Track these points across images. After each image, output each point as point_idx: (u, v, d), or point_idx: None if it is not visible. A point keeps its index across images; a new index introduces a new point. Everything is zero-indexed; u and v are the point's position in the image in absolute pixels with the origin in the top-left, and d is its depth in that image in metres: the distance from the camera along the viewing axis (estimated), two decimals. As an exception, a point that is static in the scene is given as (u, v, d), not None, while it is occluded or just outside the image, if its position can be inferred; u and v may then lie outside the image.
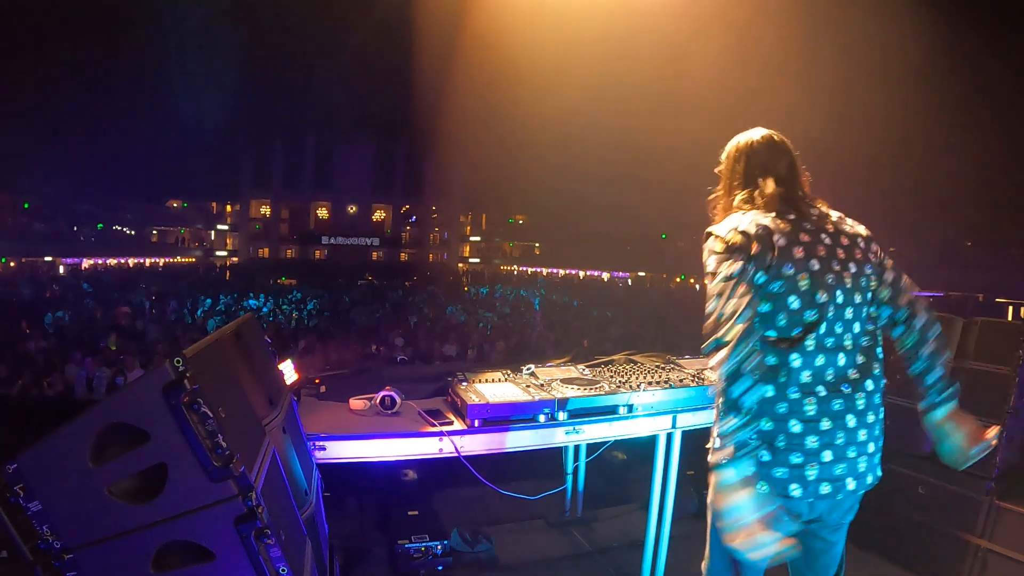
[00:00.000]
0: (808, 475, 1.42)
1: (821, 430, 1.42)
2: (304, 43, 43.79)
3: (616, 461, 3.73)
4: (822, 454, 1.42)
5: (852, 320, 1.49)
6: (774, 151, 1.60)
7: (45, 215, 31.41)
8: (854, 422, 1.45)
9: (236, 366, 1.69)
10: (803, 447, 1.42)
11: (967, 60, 21.36)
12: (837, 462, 1.43)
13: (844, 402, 1.45)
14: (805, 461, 1.42)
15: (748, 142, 1.62)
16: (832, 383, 1.45)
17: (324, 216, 45.29)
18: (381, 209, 46.21)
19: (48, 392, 5.85)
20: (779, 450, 1.42)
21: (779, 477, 1.42)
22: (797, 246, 1.45)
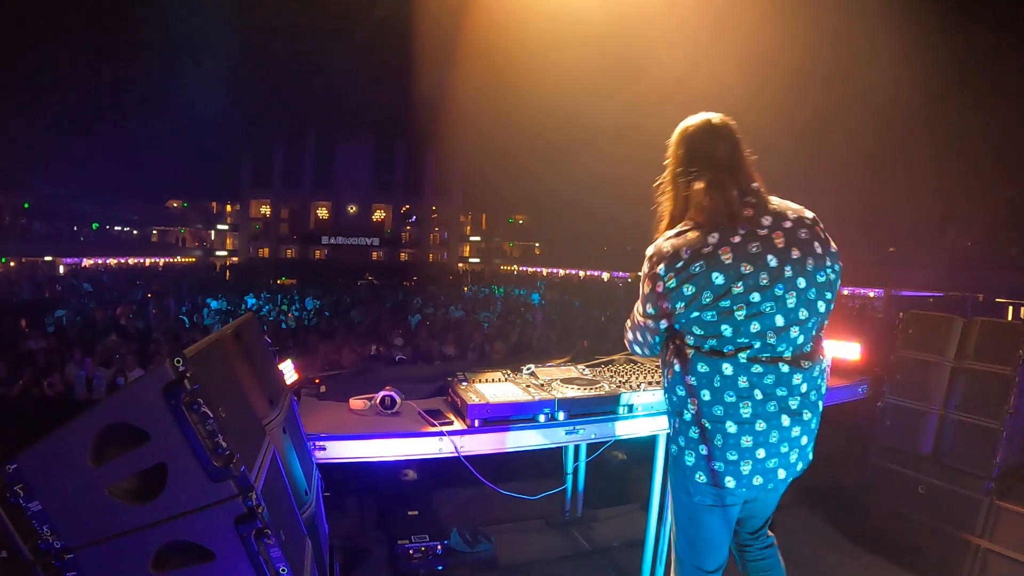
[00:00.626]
0: (743, 470, 1.54)
1: (756, 431, 1.52)
2: (304, 43, 43.79)
3: (616, 461, 3.73)
4: (756, 451, 1.53)
5: (796, 312, 1.51)
6: (713, 135, 1.59)
7: (45, 215, 31.41)
8: (788, 421, 1.54)
9: (236, 366, 1.69)
10: (739, 446, 1.53)
11: (969, 60, 21.37)
12: (770, 458, 1.55)
13: (778, 404, 1.53)
14: (739, 458, 1.53)
15: (686, 128, 1.63)
16: (769, 387, 1.52)
17: (324, 216, 45.29)
18: (381, 209, 46.21)
19: (48, 392, 5.85)
20: (717, 448, 1.54)
21: (717, 470, 1.55)
22: (725, 258, 1.47)
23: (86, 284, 18.66)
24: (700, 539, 1.70)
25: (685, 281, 1.50)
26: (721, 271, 1.47)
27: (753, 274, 1.47)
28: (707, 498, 1.62)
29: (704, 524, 1.67)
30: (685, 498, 1.68)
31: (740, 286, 1.47)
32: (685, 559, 1.75)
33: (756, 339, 1.50)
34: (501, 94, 26.16)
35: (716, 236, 1.49)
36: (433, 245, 46.79)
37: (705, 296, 1.48)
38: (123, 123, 37.62)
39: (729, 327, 1.49)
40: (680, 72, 17.29)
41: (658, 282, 1.54)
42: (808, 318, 1.53)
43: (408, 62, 26.89)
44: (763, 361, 1.50)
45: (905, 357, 3.08)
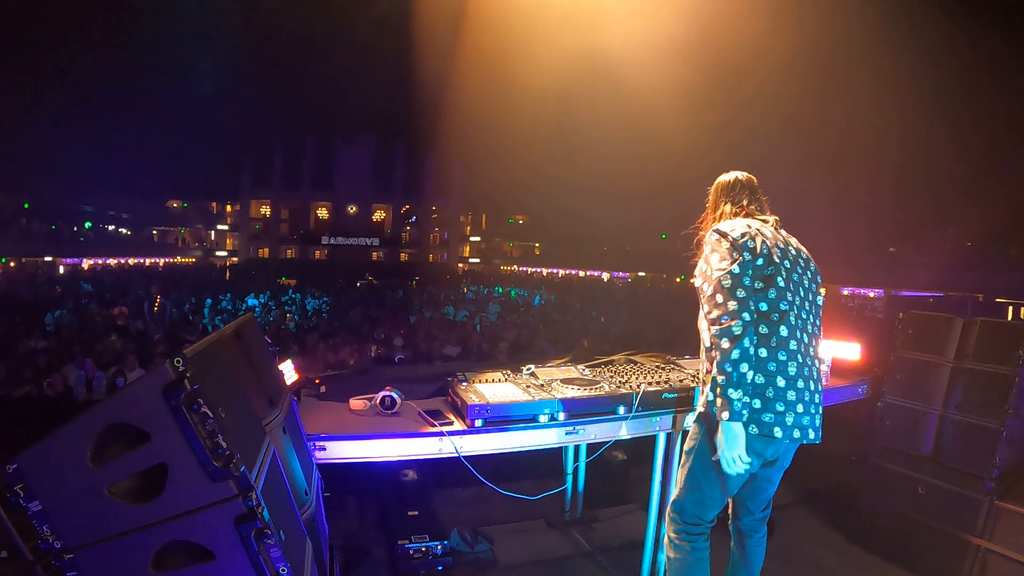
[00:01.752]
0: (787, 421, 1.82)
1: (799, 387, 1.84)
2: (304, 43, 43.77)
3: (616, 461, 3.73)
4: (796, 406, 1.83)
5: (810, 310, 1.95)
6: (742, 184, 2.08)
7: (45, 215, 31.41)
8: (814, 385, 1.90)
9: (236, 366, 1.69)
10: (785, 399, 1.82)
11: (970, 61, 21.36)
12: (805, 414, 1.85)
13: (811, 369, 1.90)
14: (786, 410, 1.82)
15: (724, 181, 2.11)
16: (806, 351, 1.89)
17: (324, 216, 45.27)
18: (381, 209, 46.19)
19: (48, 392, 5.85)
20: (768, 400, 1.81)
21: (766, 421, 1.81)
22: (776, 244, 1.90)
23: (86, 284, 18.66)
24: (710, 496, 1.95)
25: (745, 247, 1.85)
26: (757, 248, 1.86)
27: (782, 256, 1.88)
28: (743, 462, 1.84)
29: (718, 484, 1.92)
30: (710, 459, 1.89)
31: (776, 259, 1.86)
32: (689, 509, 1.99)
33: (795, 308, 1.86)
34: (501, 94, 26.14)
35: (755, 224, 1.93)
36: (433, 245, 46.77)
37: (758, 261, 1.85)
38: (123, 123, 37.62)
39: (774, 291, 1.84)
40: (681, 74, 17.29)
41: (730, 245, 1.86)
42: (814, 305, 1.95)
43: (408, 62, 26.87)
44: (800, 328, 1.86)
45: (905, 357, 3.08)
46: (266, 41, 40.22)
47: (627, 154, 30.42)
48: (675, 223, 1.98)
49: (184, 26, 32.97)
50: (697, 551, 1.99)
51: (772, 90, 20.45)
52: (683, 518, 2.00)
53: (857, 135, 22.56)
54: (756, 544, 2.14)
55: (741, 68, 19.74)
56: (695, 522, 1.98)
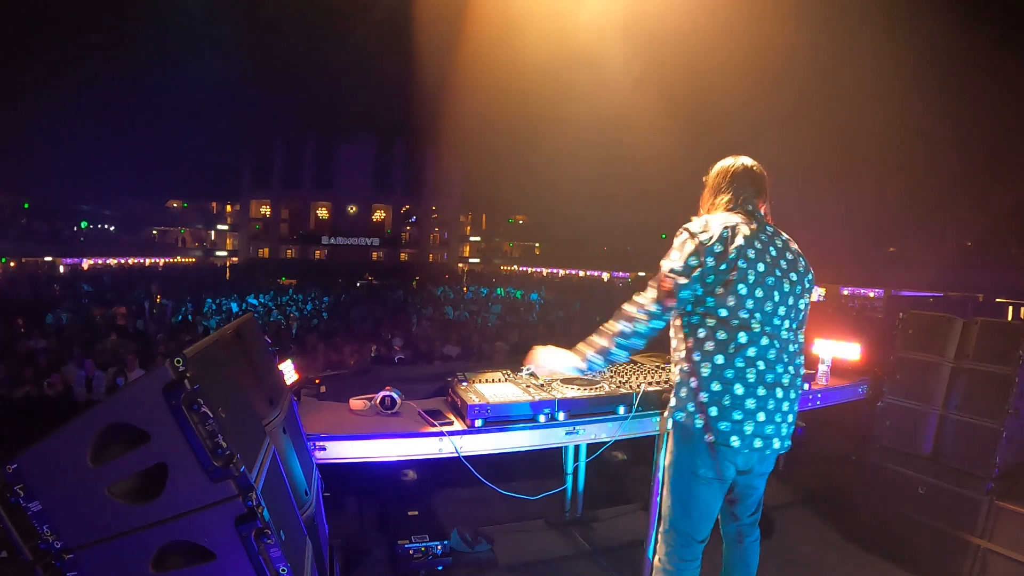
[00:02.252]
0: (746, 430, 1.77)
1: (759, 395, 1.78)
2: (304, 43, 43.77)
3: (616, 461, 3.73)
4: (757, 414, 1.78)
5: (786, 316, 1.85)
6: (752, 178, 1.97)
7: (45, 215, 31.39)
8: (781, 393, 1.82)
9: (236, 366, 1.69)
10: (743, 407, 1.77)
11: (970, 61, 21.36)
12: (768, 423, 1.79)
13: (777, 376, 1.81)
14: (744, 418, 1.77)
15: (734, 166, 1.99)
16: (771, 360, 1.80)
17: (324, 216, 45.27)
18: (381, 209, 46.19)
19: (48, 392, 5.85)
20: (724, 407, 1.77)
21: (723, 430, 1.77)
22: (751, 248, 1.80)
23: (86, 284, 18.65)
24: (697, 510, 1.88)
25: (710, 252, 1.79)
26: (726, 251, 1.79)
27: (754, 261, 1.79)
28: (709, 471, 1.82)
29: (703, 496, 1.87)
30: (688, 472, 1.86)
31: (744, 264, 1.77)
32: (679, 527, 1.92)
33: (758, 315, 1.78)
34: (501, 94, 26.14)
35: (734, 224, 1.83)
36: (433, 245, 46.78)
37: (722, 266, 1.78)
38: (124, 123, 37.60)
39: (733, 298, 1.77)
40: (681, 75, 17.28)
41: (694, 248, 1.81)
42: (793, 310, 1.86)
43: (408, 62, 26.88)
44: (767, 335, 1.79)
45: (905, 357, 3.08)
46: (267, 41, 40.21)
47: (627, 154, 30.42)
48: (675, 223, 1.93)
49: (185, 26, 32.96)
50: None
51: (772, 90, 20.45)
52: (674, 540, 1.93)
53: (857, 135, 22.56)
54: (749, 548, 2.10)
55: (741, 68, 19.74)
56: (685, 543, 1.91)
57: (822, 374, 3.38)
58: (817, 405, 3.20)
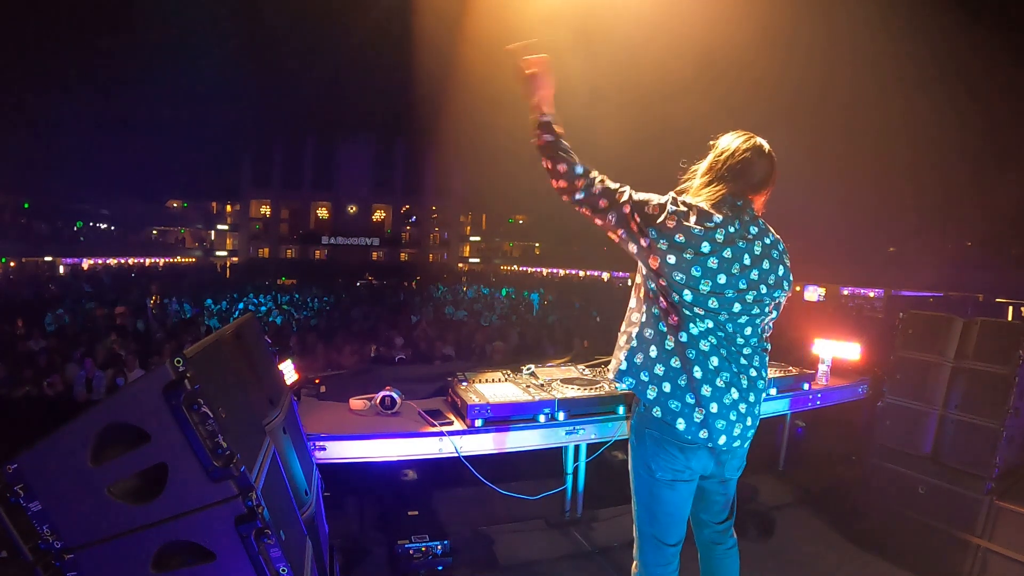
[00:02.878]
0: (695, 417, 1.69)
1: (716, 386, 1.70)
2: (304, 43, 43.80)
3: (616, 461, 3.73)
4: (710, 404, 1.69)
5: (750, 308, 1.73)
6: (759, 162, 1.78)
7: (45, 215, 31.40)
8: (736, 394, 1.72)
9: (236, 366, 1.69)
10: (698, 392, 1.69)
11: (971, 60, 21.36)
12: (720, 418, 1.70)
13: (735, 377, 1.72)
14: (696, 404, 1.69)
15: (743, 144, 1.79)
16: (728, 359, 1.71)
17: (324, 216, 45.29)
18: (381, 209, 46.20)
19: (48, 392, 5.85)
20: (679, 387, 1.69)
21: (672, 409, 1.70)
22: (728, 244, 1.68)
23: (86, 284, 18.66)
24: (661, 512, 1.81)
25: (683, 231, 1.66)
26: (694, 250, 1.66)
27: (722, 264, 1.67)
28: (667, 473, 1.76)
29: (664, 499, 1.80)
30: (646, 474, 1.80)
31: (699, 268, 1.66)
32: (647, 532, 1.85)
33: (711, 317, 1.69)
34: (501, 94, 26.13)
35: (720, 217, 1.70)
36: (433, 245, 46.78)
37: (687, 253, 1.66)
38: (123, 123, 37.62)
39: (689, 294, 1.68)
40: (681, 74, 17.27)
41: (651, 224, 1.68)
42: (760, 309, 1.75)
43: (408, 62, 26.87)
44: (726, 332, 1.71)
45: (905, 357, 3.08)
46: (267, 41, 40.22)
47: (627, 154, 30.43)
48: None
49: (185, 26, 32.97)
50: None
51: (772, 90, 20.46)
52: (643, 543, 1.86)
53: (857, 135, 22.56)
54: (724, 556, 1.97)
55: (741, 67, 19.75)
56: (656, 547, 1.83)
57: (822, 374, 3.38)
58: (817, 405, 3.20)
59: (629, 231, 1.70)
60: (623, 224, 1.71)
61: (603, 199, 1.71)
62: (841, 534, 3.14)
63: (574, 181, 1.72)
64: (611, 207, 1.71)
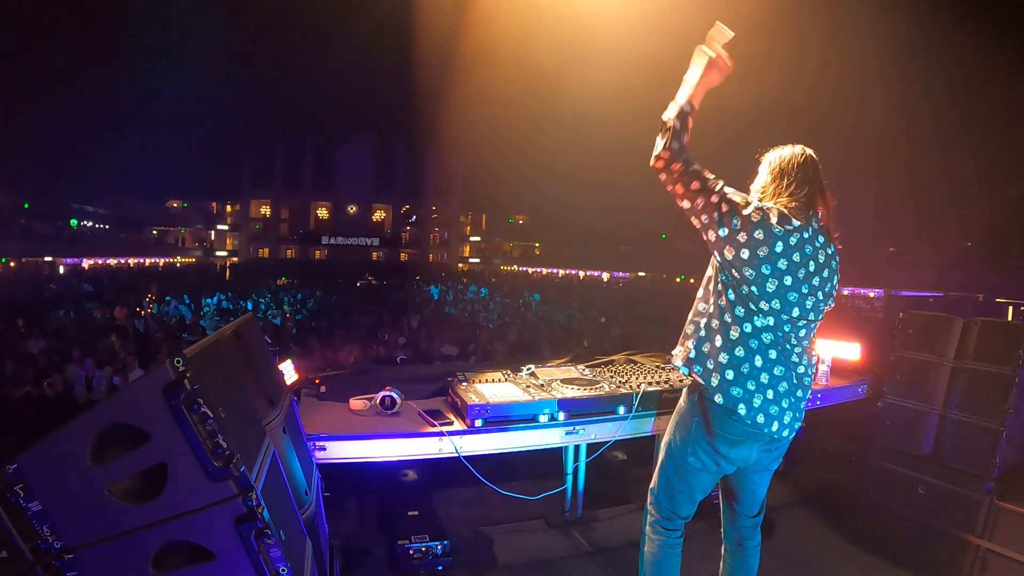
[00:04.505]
0: (754, 402, 1.77)
1: (774, 375, 1.78)
2: (304, 43, 43.81)
3: (616, 461, 3.73)
4: (767, 391, 1.78)
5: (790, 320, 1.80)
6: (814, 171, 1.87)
7: (45, 215, 31.40)
8: (784, 388, 1.81)
9: (236, 366, 1.69)
10: (758, 380, 1.77)
11: (971, 60, 21.36)
12: (774, 404, 1.79)
13: (787, 371, 1.80)
14: (757, 389, 1.77)
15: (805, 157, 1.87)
16: (783, 353, 1.80)
17: (324, 216, 45.29)
18: (381, 209, 46.21)
19: (48, 392, 5.85)
20: (742, 375, 1.77)
21: (735, 395, 1.77)
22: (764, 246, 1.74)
23: (86, 284, 18.66)
24: (681, 493, 1.93)
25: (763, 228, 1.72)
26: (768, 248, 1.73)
27: (790, 267, 1.75)
28: (698, 462, 1.86)
29: (688, 481, 1.91)
30: (679, 456, 1.90)
31: (769, 267, 1.74)
32: (663, 503, 1.98)
33: (769, 315, 1.77)
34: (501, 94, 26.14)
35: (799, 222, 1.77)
36: (433, 245, 46.79)
37: (761, 250, 1.72)
38: (124, 123, 37.62)
39: (756, 290, 1.74)
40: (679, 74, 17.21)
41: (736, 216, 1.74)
42: (815, 316, 1.84)
43: (408, 62, 26.88)
44: (784, 332, 1.79)
45: (905, 357, 3.08)
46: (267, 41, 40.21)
47: (627, 153, 30.42)
48: (675, 223, 1.92)
49: (185, 26, 32.97)
50: (668, 547, 1.99)
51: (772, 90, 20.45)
52: (658, 511, 2.00)
53: (857, 135, 22.55)
54: (749, 553, 2.06)
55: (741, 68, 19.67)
56: (668, 516, 1.98)
57: (822, 374, 3.38)
58: (817, 405, 3.20)
59: (713, 217, 1.75)
60: (710, 210, 1.75)
61: (696, 180, 1.77)
62: (841, 534, 3.14)
63: (677, 158, 1.78)
64: (703, 190, 1.76)
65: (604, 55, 18.27)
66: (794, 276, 1.75)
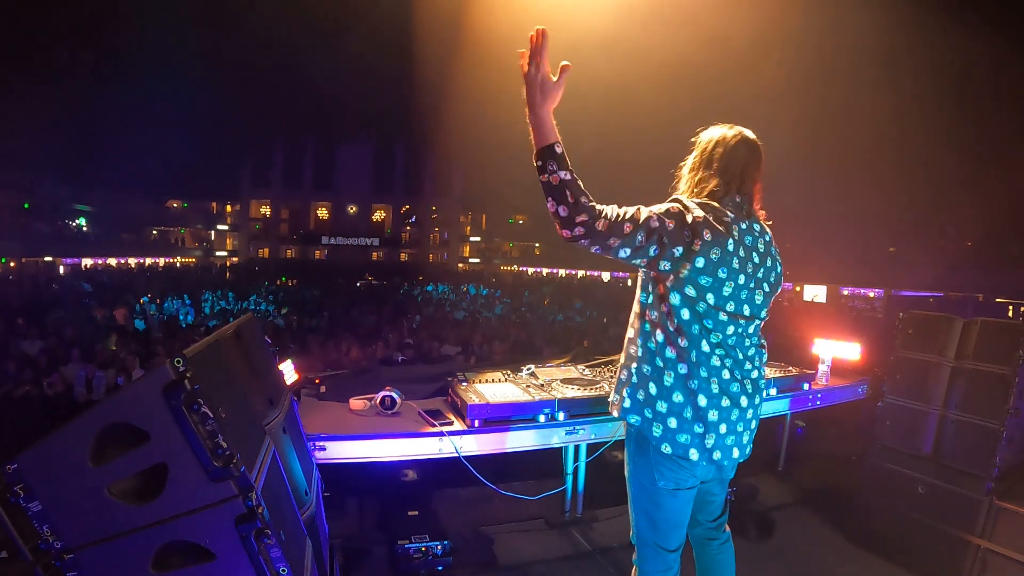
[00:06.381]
0: (706, 443, 1.67)
1: (721, 406, 1.67)
2: (304, 43, 43.83)
3: (616, 461, 3.72)
4: (719, 426, 1.68)
5: (744, 321, 1.70)
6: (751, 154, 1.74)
7: (45, 215, 31.41)
8: (745, 402, 1.72)
9: (236, 366, 1.69)
10: (705, 419, 1.66)
11: (970, 60, 21.36)
12: (729, 434, 1.70)
13: (740, 387, 1.71)
14: (706, 431, 1.67)
15: (732, 137, 1.74)
16: (733, 369, 1.69)
17: (324, 216, 45.28)
18: (381, 209, 46.20)
19: (48, 392, 5.85)
20: (686, 420, 1.66)
21: (682, 442, 1.67)
22: (740, 248, 1.63)
23: (86, 284, 18.66)
24: (662, 520, 1.79)
25: (710, 230, 1.59)
26: (721, 249, 1.60)
27: (741, 264, 1.64)
28: (669, 483, 1.73)
29: (667, 507, 1.77)
30: (648, 484, 1.77)
31: (725, 269, 1.62)
32: (648, 539, 1.82)
33: (726, 323, 1.65)
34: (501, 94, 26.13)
35: (732, 214, 1.66)
36: (433, 245, 46.78)
37: (713, 254, 1.59)
38: (124, 123, 37.64)
39: (704, 304, 1.62)
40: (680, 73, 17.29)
41: (684, 226, 1.58)
42: (765, 310, 1.75)
43: (408, 62, 26.89)
44: (730, 342, 1.68)
45: (905, 357, 3.08)
46: (267, 41, 40.24)
47: (628, 153, 30.44)
48: None
49: (186, 27, 32.98)
50: None
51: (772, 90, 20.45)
52: (643, 550, 1.84)
53: (857, 135, 22.56)
54: (718, 551, 1.98)
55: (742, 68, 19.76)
56: (656, 554, 1.81)
57: (822, 374, 3.38)
58: (817, 405, 3.21)
59: (663, 243, 1.56)
60: (655, 236, 1.55)
61: (626, 223, 1.53)
62: (841, 534, 3.14)
63: (594, 214, 1.51)
64: (636, 226, 1.54)
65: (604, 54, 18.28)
66: (745, 272, 1.64)
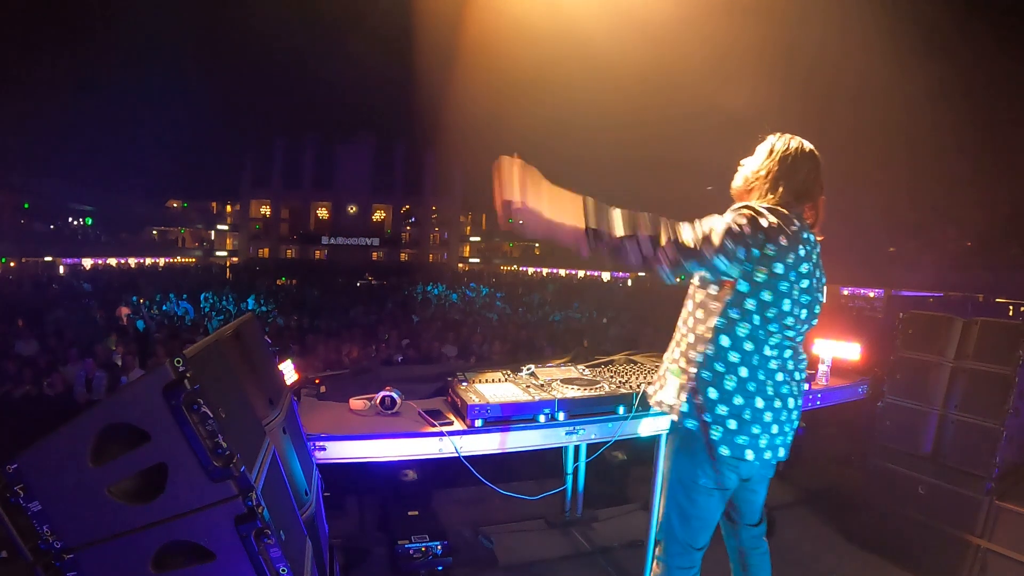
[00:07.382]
0: (760, 444, 1.73)
1: (775, 408, 1.74)
2: (304, 43, 43.85)
3: (616, 461, 3.73)
4: (772, 427, 1.74)
5: (805, 321, 1.78)
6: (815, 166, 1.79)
7: (45, 215, 31.41)
8: (792, 403, 1.80)
9: (236, 366, 1.68)
10: (762, 420, 1.72)
11: (971, 60, 21.37)
12: (779, 435, 1.77)
13: (790, 386, 1.79)
14: (761, 432, 1.73)
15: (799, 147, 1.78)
16: (787, 370, 1.77)
17: (324, 216, 45.28)
18: (381, 209, 46.20)
19: (48, 392, 5.85)
20: (745, 422, 1.71)
21: (739, 443, 1.71)
22: (790, 254, 1.66)
23: (86, 284, 18.66)
24: (696, 518, 1.82)
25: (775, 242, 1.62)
26: (794, 256, 1.66)
27: (808, 272, 1.71)
28: (711, 481, 1.76)
29: (703, 505, 1.81)
30: (689, 481, 1.80)
31: (795, 275, 1.68)
32: (679, 536, 1.85)
33: (788, 329, 1.73)
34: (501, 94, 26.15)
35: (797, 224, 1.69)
36: (433, 245, 46.78)
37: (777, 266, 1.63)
38: (124, 123, 37.63)
39: (775, 309, 1.68)
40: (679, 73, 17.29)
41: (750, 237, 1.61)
42: (810, 320, 1.80)
43: (409, 62, 26.89)
44: (786, 347, 1.76)
45: (905, 357, 3.08)
46: (267, 42, 40.24)
47: (628, 153, 30.44)
48: None
49: (185, 26, 32.97)
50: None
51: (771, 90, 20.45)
52: (670, 546, 1.86)
53: (857, 135, 22.56)
54: (761, 559, 2.02)
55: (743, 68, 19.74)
56: (684, 551, 1.83)
57: (822, 374, 3.38)
58: (817, 405, 3.20)
59: (729, 260, 1.60)
60: (737, 239, 1.59)
61: (708, 229, 1.59)
62: (841, 534, 3.14)
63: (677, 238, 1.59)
64: (718, 233, 1.58)
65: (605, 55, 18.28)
66: (810, 279, 1.71)
